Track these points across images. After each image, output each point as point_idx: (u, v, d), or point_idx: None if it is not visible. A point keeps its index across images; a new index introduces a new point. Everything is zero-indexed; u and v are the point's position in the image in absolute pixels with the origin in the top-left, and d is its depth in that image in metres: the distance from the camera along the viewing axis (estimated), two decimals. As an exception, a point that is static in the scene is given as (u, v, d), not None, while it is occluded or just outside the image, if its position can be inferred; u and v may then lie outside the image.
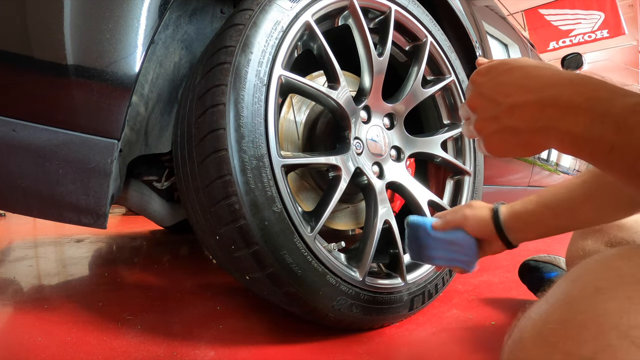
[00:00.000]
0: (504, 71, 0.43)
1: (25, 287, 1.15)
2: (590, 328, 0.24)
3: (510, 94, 0.41)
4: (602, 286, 0.26)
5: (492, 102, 0.43)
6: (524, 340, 0.27)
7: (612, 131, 0.31)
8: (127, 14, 0.63)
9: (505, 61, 0.45)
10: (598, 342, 0.23)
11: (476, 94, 0.45)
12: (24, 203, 0.63)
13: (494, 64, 0.45)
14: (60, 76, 0.59)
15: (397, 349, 0.75)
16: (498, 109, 0.42)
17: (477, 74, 0.46)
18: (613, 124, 0.31)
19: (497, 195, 1.75)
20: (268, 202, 0.67)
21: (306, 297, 0.71)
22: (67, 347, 0.73)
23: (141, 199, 1.16)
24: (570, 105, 0.35)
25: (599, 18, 6.88)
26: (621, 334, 0.23)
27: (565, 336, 0.25)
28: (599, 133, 0.32)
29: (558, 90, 0.36)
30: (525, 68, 0.42)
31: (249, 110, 0.67)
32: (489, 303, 1.02)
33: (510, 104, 0.41)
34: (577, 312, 0.25)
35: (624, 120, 0.31)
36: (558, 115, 0.36)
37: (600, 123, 0.32)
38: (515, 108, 0.40)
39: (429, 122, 1.13)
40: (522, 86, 0.40)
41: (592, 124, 0.33)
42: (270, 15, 0.72)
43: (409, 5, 0.97)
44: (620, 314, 0.23)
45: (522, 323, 0.29)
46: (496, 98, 0.42)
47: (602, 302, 0.25)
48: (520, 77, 0.41)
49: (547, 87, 0.38)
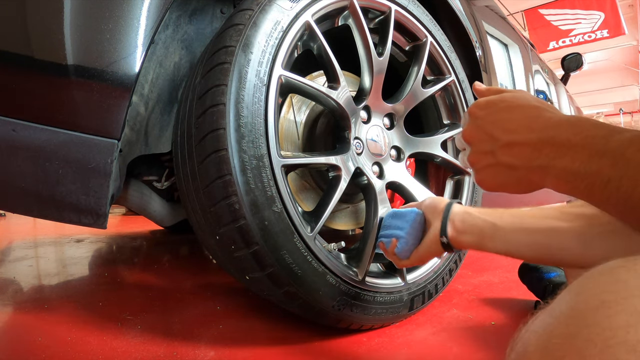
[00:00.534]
0: (503, 108, 0.44)
1: (25, 287, 1.15)
2: (597, 343, 0.23)
3: (509, 132, 0.42)
4: (608, 299, 0.25)
5: (489, 137, 0.44)
6: (528, 355, 0.27)
7: (609, 165, 0.32)
8: (127, 14, 0.63)
9: (505, 98, 0.45)
10: (605, 357, 0.23)
11: (473, 126, 0.46)
12: (24, 203, 0.63)
13: (493, 100, 0.46)
14: (60, 76, 0.59)
15: (397, 349, 0.75)
16: (495, 145, 0.43)
17: (477, 107, 0.47)
18: (610, 158, 0.32)
19: (497, 195, 1.75)
20: (268, 202, 0.67)
21: (306, 297, 0.71)
22: (67, 347, 0.73)
23: (141, 199, 1.16)
24: (569, 143, 0.36)
25: (599, 18, 6.88)
26: (629, 348, 0.22)
27: (571, 351, 0.24)
28: (597, 168, 0.33)
29: (556, 131, 0.38)
30: (524, 108, 0.43)
31: (249, 110, 0.67)
32: (489, 303, 1.02)
33: (507, 141, 0.42)
34: (582, 326, 0.25)
35: (620, 153, 0.32)
36: (555, 154, 0.37)
37: (598, 158, 0.33)
38: (512, 146, 0.41)
39: (429, 122, 1.13)
40: (521, 125, 0.41)
41: (589, 159, 0.34)
42: (270, 15, 0.72)
43: (409, 5, 0.97)
44: (628, 328, 0.23)
45: (525, 336, 0.28)
46: (494, 134, 0.43)
47: (609, 316, 0.24)
48: (519, 116, 0.42)
49: (546, 128, 0.39)
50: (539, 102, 0.44)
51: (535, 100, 0.44)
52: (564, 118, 0.39)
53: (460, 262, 1.02)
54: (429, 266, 0.92)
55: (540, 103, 0.43)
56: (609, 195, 0.33)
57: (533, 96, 0.45)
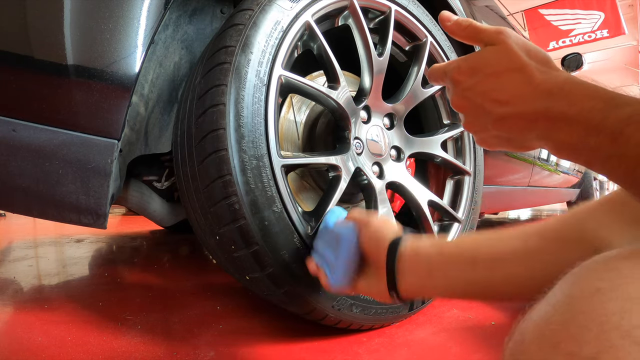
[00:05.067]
0: (490, 74, 0.40)
1: (25, 287, 1.15)
2: (592, 328, 0.24)
3: (500, 104, 0.39)
4: (603, 287, 0.26)
5: (481, 110, 0.41)
6: (526, 342, 0.27)
7: (608, 142, 0.31)
8: (127, 14, 0.63)
9: (489, 59, 0.40)
10: (600, 343, 0.23)
11: (461, 97, 0.43)
12: (24, 203, 0.63)
13: (478, 64, 0.41)
14: (60, 76, 0.59)
15: (397, 349, 0.75)
16: (487, 118, 0.40)
17: (460, 73, 0.42)
18: (609, 135, 0.31)
19: (497, 195, 1.76)
20: (268, 202, 0.67)
21: (306, 297, 0.71)
22: (67, 347, 0.73)
23: (141, 199, 1.16)
24: (564, 116, 0.34)
25: (599, 18, 6.87)
26: (623, 334, 0.23)
27: (567, 337, 0.25)
28: (595, 144, 0.32)
29: (550, 101, 0.35)
30: (513, 72, 0.38)
31: (249, 110, 0.67)
32: (489, 303, 1.02)
33: (500, 115, 0.39)
34: (578, 312, 0.25)
35: (619, 131, 0.30)
36: (551, 127, 0.35)
37: (596, 135, 0.32)
38: (506, 119, 0.39)
39: (429, 122, 1.13)
40: (512, 95, 0.38)
41: (586, 135, 0.33)
42: (270, 15, 0.72)
43: (409, 5, 0.97)
44: (622, 314, 0.23)
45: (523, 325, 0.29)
46: (485, 106, 0.40)
47: (604, 302, 0.25)
48: (508, 84, 0.39)
49: (539, 96, 0.36)
50: (527, 51, 0.39)
51: (522, 51, 0.39)
52: (556, 83, 0.36)
53: (460, 262, 1.02)
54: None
55: (529, 56, 0.39)
56: (610, 169, 0.32)
57: (518, 43, 0.40)
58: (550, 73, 0.38)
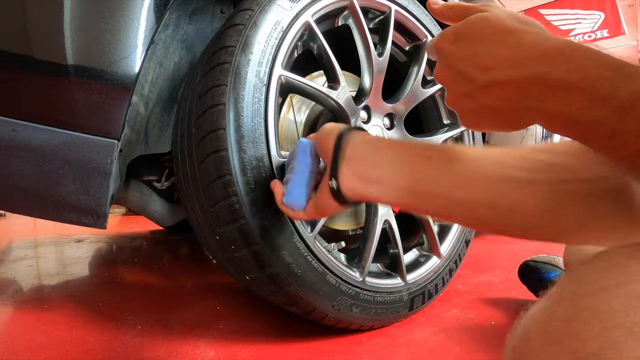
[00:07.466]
0: (475, 39, 0.36)
1: (25, 287, 1.15)
2: (595, 325, 0.24)
3: (486, 69, 0.34)
4: (607, 284, 0.26)
5: (465, 78, 0.36)
6: (528, 338, 0.27)
7: (615, 116, 0.27)
8: (127, 14, 0.63)
9: (475, 24, 0.36)
10: (603, 339, 0.23)
11: (444, 65, 0.38)
12: (24, 203, 0.63)
13: (462, 29, 0.37)
14: (60, 76, 0.59)
15: (397, 349, 0.75)
16: (472, 86, 0.35)
17: (443, 40, 0.38)
18: (617, 109, 0.27)
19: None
20: (268, 202, 0.67)
21: (306, 297, 0.71)
22: (67, 347, 0.73)
23: (141, 199, 1.16)
24: (563, 83, 0.30)
25: (599, 18, 6.88)
26: (627, 330, 0.23)
27: (570, 333, 0.25)
28: (600, 116, 0.28)
29: (545, 65, 0.31)
30: (501, 34, 0.34)
31: (249, 110, 0.67)
32: (489, 303, 1.02)
33: (486, 81, 0.34)
34: (581, 309, 0.25)
35: (630, 105, 0.26)
36: (547, 95, 0.31)
37: (602, 106, 0.28)
38: (492, 86, 0.34)
39: (429, 122, 1.13)
40: (500, 59, 0.33)
41: (590, 105, 0.28)
42: (270, 15, 0.72)
43: (409, 5, 0.97)
44: (626, 311, 0.23)
45: (526, 321, 0.29)
46: (469, 73, 0.36)
47: (607, 299, 0.25)
48: (496, 47, 0.34)
49: (532, 61, 0.32)
50: (517, 20, 0.35)
51: (512, 19, 0.35)
52: (553, 44, 0.31)
53: (460, 262, 1.02)
54: (429, 266, 0.92)
55: (519, 22, 0.35)
56: (613, 147, 0.28)
57: (509, 12, 0.36)
58: (544, 35, 0.33)
